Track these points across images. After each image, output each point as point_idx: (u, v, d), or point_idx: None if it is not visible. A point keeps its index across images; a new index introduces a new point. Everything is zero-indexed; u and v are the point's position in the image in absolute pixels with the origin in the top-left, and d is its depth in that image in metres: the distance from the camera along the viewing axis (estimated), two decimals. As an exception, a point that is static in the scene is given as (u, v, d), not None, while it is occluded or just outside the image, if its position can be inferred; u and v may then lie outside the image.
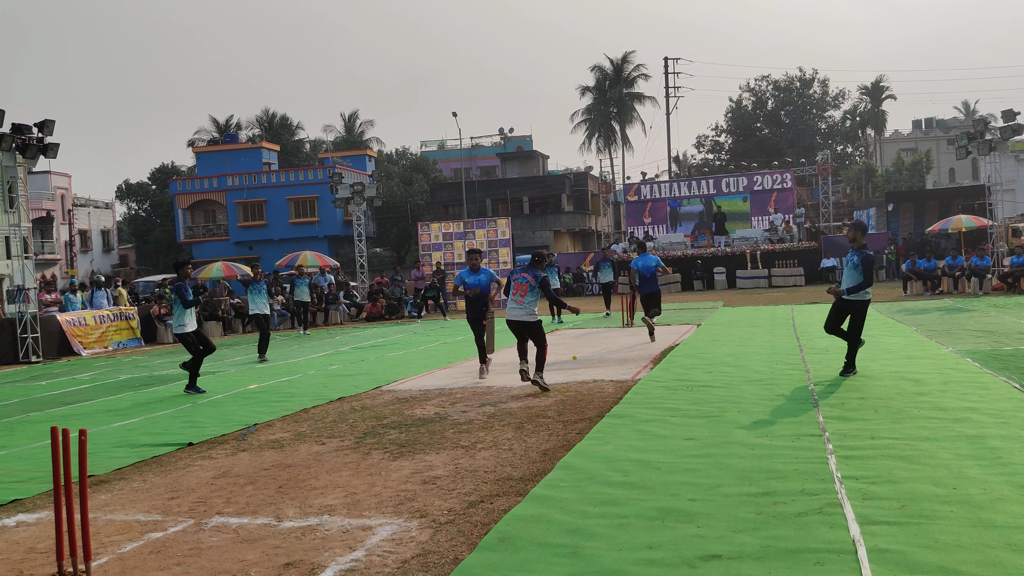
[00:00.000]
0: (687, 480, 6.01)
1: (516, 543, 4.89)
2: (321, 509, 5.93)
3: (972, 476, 5.70)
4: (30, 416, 11.12)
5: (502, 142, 73.59)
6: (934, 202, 46.11)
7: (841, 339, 10.58)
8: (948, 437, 6.84)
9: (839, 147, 71.33)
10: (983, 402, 8.19)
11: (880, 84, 73.58)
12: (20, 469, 7.79)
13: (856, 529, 4.76)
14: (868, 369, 10.71)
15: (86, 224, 60.98)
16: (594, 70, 66.62)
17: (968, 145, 27.70)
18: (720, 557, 4.49)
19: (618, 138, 67.22)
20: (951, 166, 73.51)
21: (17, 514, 6.30)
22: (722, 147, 72.02)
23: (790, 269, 36.77)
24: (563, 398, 9.96)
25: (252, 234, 53.02)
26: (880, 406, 8.27)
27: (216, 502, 6.30)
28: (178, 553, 5.17)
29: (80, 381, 15.24)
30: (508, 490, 6.09)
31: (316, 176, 52.34)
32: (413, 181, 55.66)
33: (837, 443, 6.82)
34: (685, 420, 8.14)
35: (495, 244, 32.78)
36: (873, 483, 5.65)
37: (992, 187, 29.22)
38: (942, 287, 27.05)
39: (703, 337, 16.07)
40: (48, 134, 20.62)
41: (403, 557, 4.83)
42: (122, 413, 10.84)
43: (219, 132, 64.97)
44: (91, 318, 22.72)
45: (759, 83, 70.35)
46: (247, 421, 9.65)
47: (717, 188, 44.91)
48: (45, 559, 5.15)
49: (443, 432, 8.38)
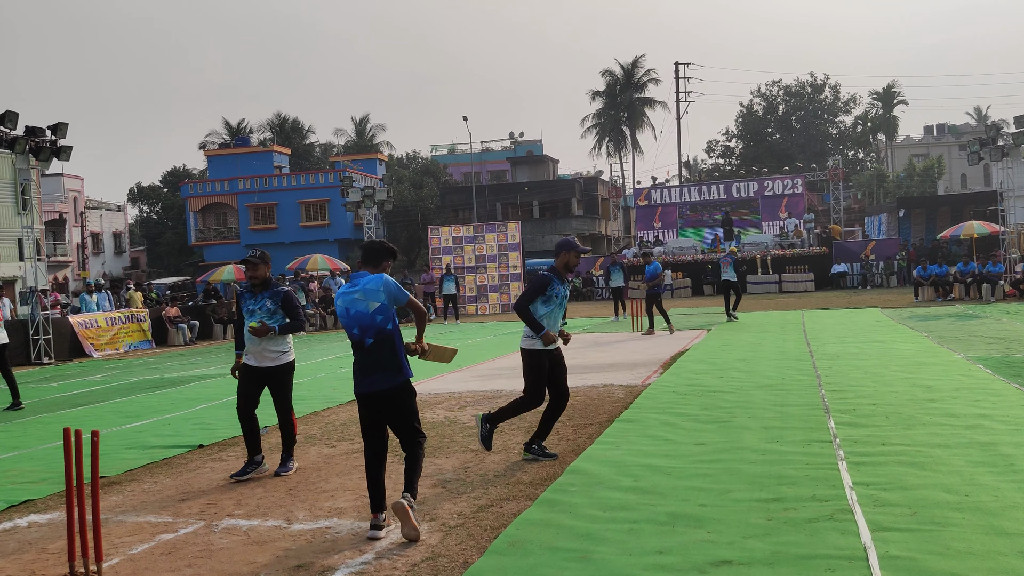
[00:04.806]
0: (697, 485, 6.00)
1: (526, 547, 4.89)
2: (331, 512, 5.94)
3: (984, 483, 5.67)
4: (42, 417, 11.17)
5: (512, 146, 73.67)
6: (946, 208, 45.94)
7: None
8: (960, 444, 6.80)
9: (850, 152, 71.19)
10: (995, 409, 8.15)
11: (892, 89, 73.33)
12: (32, 470, 7.83)
13: (867, 535, 4.75)
14: (879, 375, 10.67)
15: (98, 227, 61.33)
16: (604, 75, 66.78)
17: (980, 151, 27.58)
18: (731, 563, 4.48)
19: (628, 143, 67.26)
20: (963, 172, 73.25)
21: (29, 514, 6.34)
22: (733, 152, 71.92)
23: (801, 274, 36.67)
24: (573, 402, 9.94)
25: (263, 237, 53.16)
26: (891, 412, 8.24)
27: (227, 504, 6.32)
28: (189, 555, 5.19)
29: (92, 383, 15.31)
30: (518, 494, 6.09)
31: (327, 180, 52.49)
32: (423, 185, 55.75)
33: (848, 449, 6.79)
34: (695, 425, 8.12)
35: (505, 248, 32.79)
36: (884, 490, 5.63)
37: (1004, 193, 29.08)
38: (954, 293, 26.92)
39: (713, 342, 16.04)
40: (61, 137, 20.72)
41: (413, 560, 4.84)
42: (133, 415, 10.88)
43: (231, 135, 65.26)
44: (103, 320, 22.82)
45: (770, 88, 70.31)
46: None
47: (728, 193, 44.84)
48: (57, 560, 5.18)
49: (453, 436, 8.38)
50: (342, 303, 5.55)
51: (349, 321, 5.50)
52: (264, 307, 7.05)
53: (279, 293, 7.10)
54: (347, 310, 5.51)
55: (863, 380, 10.34)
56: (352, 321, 5.48)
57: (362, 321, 5.44)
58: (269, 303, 7.05)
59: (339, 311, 5.60)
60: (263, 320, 6.96)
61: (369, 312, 5.43)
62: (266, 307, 7.05)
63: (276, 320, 7.05)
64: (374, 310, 5.43)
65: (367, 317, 5.43)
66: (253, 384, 7.12)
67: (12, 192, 33.50)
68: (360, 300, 5.46)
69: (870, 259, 38.08)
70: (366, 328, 5.43)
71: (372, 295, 5.45)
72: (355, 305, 5.47)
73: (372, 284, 5.47)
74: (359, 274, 5.61)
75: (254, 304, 7.08)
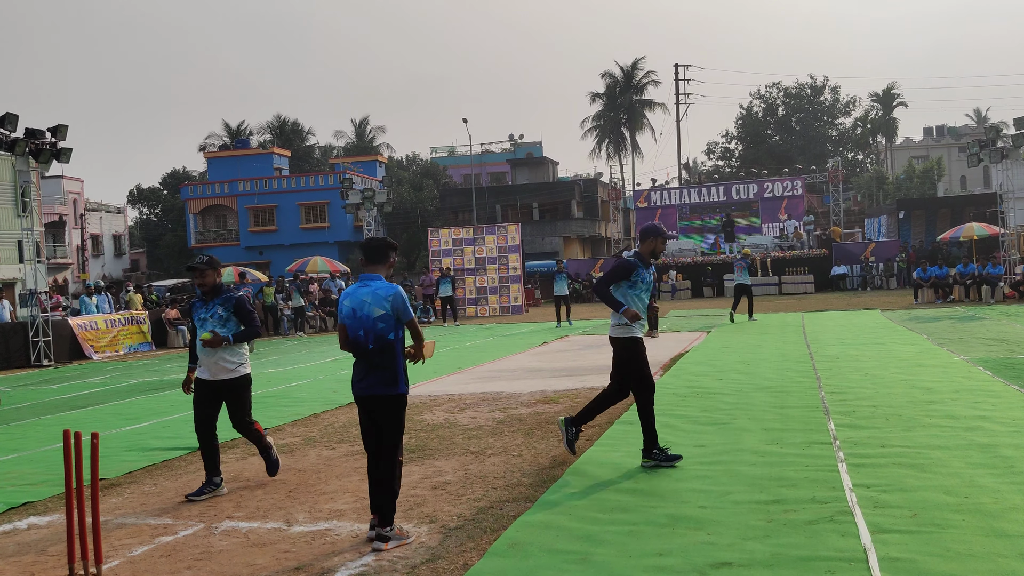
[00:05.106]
0: (697, 487, 6.00)
1: (526, 549, 4.89)
2: (331, 514, 5.94)
3: (984, 485, 5.67)
4: (42, 419, 11.17)
5: (512, 148, 73.70)
6: (946, 210, 45.95)
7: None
8: (960, 446, 6.80)
9: (850, 154, 71.18)
10: (995, 411, 8.15)
11: (891, 91, 73.43)
12: (32, 472, 7.83)
13: (867, 537, 4.75)
14: (879, 377, 10.67)
15: (98, 229, 61.30)
16: (604, 76, 66.83)
17: (980, 153, 27.60)
18: (730, 565, 4.48)
19: (628, 144, 67.29)
20: (963, 174, 73.32)
21: (29, 517, 6.33)
22: (732, 154, 71.96)
23: (800, 276, 36.69)
24: (573, 404, 9.95)
25: (263, 239, 53.19)
26: (891, 414, 8.23)
27: (226, 506, 6.32)
28: (188, 557, 5.19)
29: (91, 385, 15.30)
30: (518, 496, 6.09)
31: (327, 182, 52.51)
32: (423, 187, 55.77)
33: (848, 451, 6.79)
34: (695, 427, 8.12)
35: (504, 250, 32.78)
36: (884, 491, 5.63)
37: (1004, 195, 29.10)
38: (953, 295, 26.93)
39: (713, 344, 16.04)
40: (61, 139, 20.73)
41: (413, 563, 4.84)
42: (133, 417, 10.88)
43: (231, 137, 65.29)
44: (102, 322, 22.82)
45: (769, 90, 70.35)
46: (257, 426, 9.65)
47: (727, 195, 44.86)
48: (56, 562, 5.17)
49: (452, 438, 8.38)
50: (349, 303, 5.43)
51: (354, 323, 5.39)
52: (216, 315, 6.62)
53: (231, 299, 6.67)
54: (354, 311, 5.40)
55: (863, 382, 10.34)
56: (358, 323, 5.38)
57: (366, 324, 5.36)
58: (221, 310, 6.62)
59: (345, 311, 5.45)
60: (215, 330, 6.55)
61: (373, 317, 5.35)
62: (218, 315, 6.62)
63: (229, 328, 6.62)
64: (377, 316, 5.36)
65: (370, 321, 5.35)
66: (209, 399, 6.68)
67: (12, 194, 33.49)
68: (368, 303, 5.37)
69: (870, 261, 38.10)
70: (369, 332, 5.36)
71: (379, 302, 5.35)
72: (363, 308, 5.37)
73: (383, 291, 5.38)
74: (371, 276, 5.47)
75: (205, 312, 6.65)
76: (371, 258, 5.53)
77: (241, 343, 6.66)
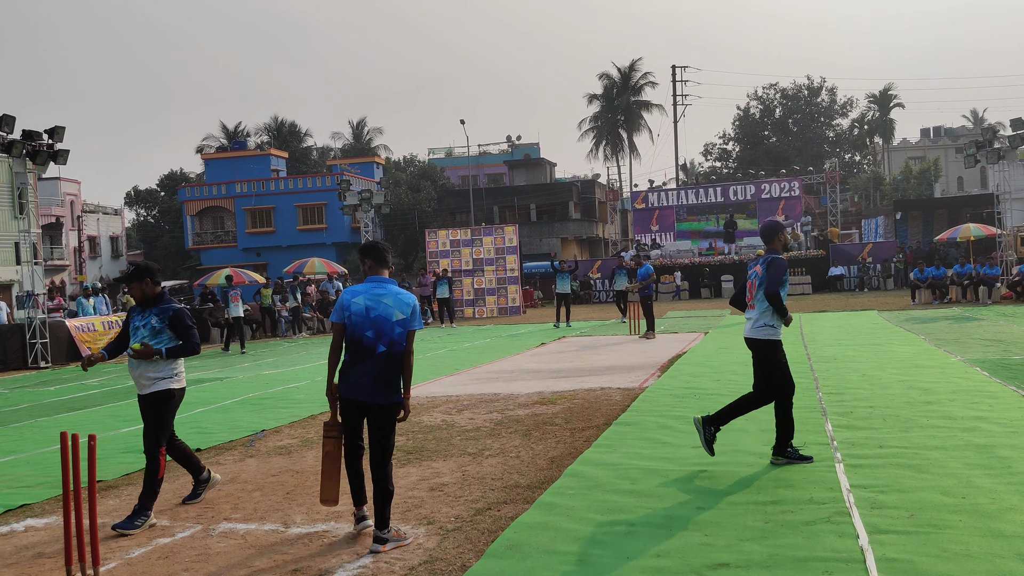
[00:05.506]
0: (694, 488, 6.01)
1: (523, 550, 4.89)
2: (328, 515, 5.94)
3: (981, 485, 5.68)
4: (39, 421, 11.16)
5: (509, 149, 73.67)
6: (943, 210, 45.98)
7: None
8: (957, 446, 6.81)
9: (847, 155, 71.18)
10: (992, 411, 8.16)
11: (888, 92, 73.43)
12: (29, 474, 7.82)
13: (864, 538, 4.75)
14: (876, 378, 10.68)
15: (95, 230, 61.25)
16: (602, 78, 66.91)
17: (977, 154, 27.66)
18: (728, 565, 4.48)
19: (625, 146, 67.38)
20: (959, 174, 73.34)
21: (26, 519, 6.33)
22: (730, 155, 71.97)
23: (797, 277, 36.71)
24: (570, 405, 9.95)
25: (260, 241, 53.13)
26: (888, 415, 8.25)
27: (224, 508, 6.32)
28: (186, 559, 5.19)
29: (89, 386, 15.28)
30: (515, 497, 6.09)
31: (324, 183, 52.45)
32: (421, 188, 55.74)
33: (845, 452, 6.80)
34: (693, 428, 8.11)
35: (502, 251, 32.78)
36: (882, 492, 5.64)
37: (1001, 196, 29.12)
38: (951, 296, 26.97)
39: (710, 345, 16.05)
40: (58, 140, 20.72)
41: (410, 564, 4.84)
42: (130, 418, 10.85)
43: (228, 139, 65.23)
44: (99, 324, 22.79)
45: (767, 91, 70.30)
46: (255, 427, 9.67)
47: (725, 196, 44.89)
48: (54, 564, 5.17)
49: (450, 439, 8.38)
50: (363, 300, 5.20)
51: (366, 321, 5.16)
52: (149, 325, 6.15)
53: (167, 311, 6.18)
54: (367, 309, 5.19)
55: (860, 383, 10.36)
56: (369, 323, 5.16)
57: (381, 326, 5.16)
58: (155, 321, 6.15)
59: (355, 308, 5.20)
60: (146, 340, 6.09)
61: (392, 320, 5.17)
62: (151, 325, 6.15)
63: (162, 341, 6.12)
64: (396, 320, 5.19)
65: (388, 324, 5.16)
66: (142, 413, 6.23)
67: (9, 196, 33.34)
68: (387, 305, 5.19)
69: (867, 262, 38.15)
70: (382, 334, 5.16)
71: (401, 306, 5.21)
72: (379, 307, 5.18)
73: (405, 297, 5.26)
74: (383, 279, 5.34)
75: (139, 321, 6.21)
76: (378, 261, 5.41)
77: (175, 359, 6.21)
